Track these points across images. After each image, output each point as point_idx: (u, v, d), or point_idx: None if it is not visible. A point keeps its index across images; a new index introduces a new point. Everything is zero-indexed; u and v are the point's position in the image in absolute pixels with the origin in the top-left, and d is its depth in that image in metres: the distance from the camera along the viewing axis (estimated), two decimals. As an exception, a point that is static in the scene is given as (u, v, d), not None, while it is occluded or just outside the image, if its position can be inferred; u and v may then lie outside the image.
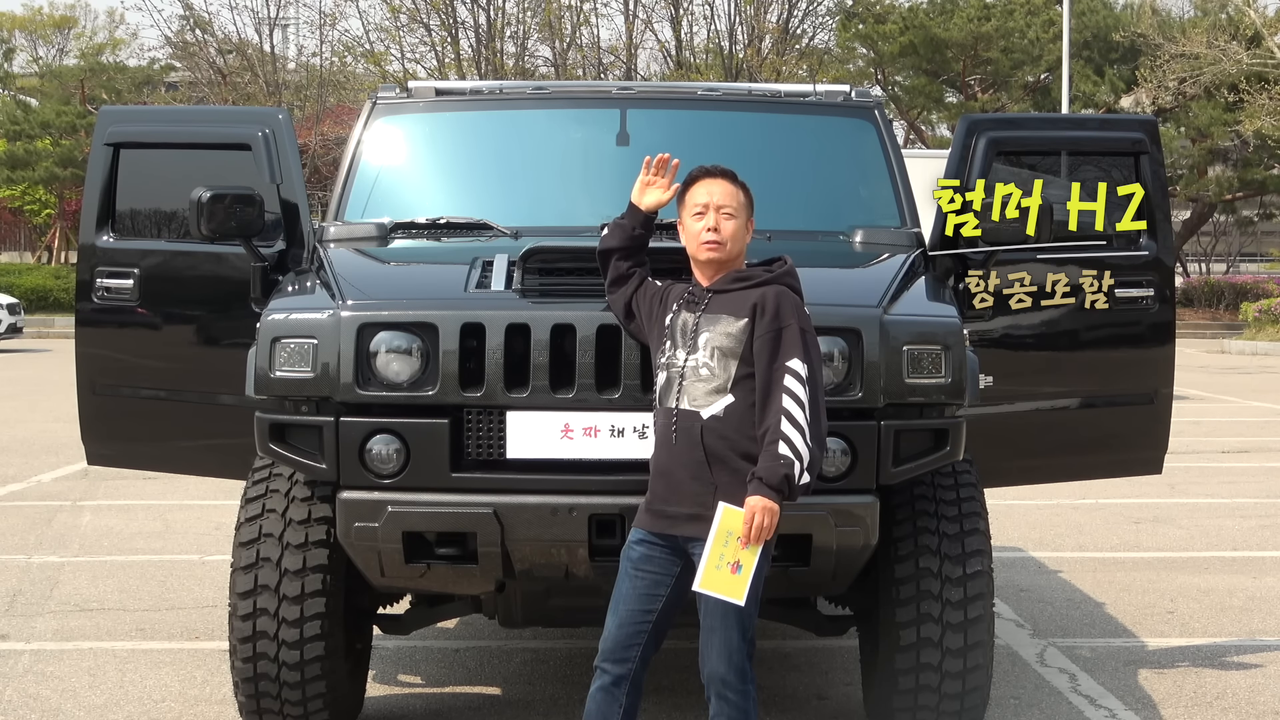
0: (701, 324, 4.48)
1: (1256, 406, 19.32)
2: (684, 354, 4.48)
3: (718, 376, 4.42)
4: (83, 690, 6.22)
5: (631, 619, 4.48)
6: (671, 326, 4.55)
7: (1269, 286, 38.62)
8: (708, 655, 4.44)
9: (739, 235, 4.61)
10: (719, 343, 4.45)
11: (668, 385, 4.49)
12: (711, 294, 4.55)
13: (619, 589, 4.52)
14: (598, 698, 4.51)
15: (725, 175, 4.67)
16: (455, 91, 6.72)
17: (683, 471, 4.41)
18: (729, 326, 4.46)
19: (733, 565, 4.29)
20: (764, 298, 4.49)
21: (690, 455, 4.41)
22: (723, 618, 4.39)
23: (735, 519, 4.29)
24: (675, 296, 4.64)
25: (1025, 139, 6.54)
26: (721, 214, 4.58)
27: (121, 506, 10.76)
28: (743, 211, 4.64)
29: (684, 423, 4.42)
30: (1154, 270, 6.33)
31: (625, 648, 4.48)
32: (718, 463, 4.39)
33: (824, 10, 38.90)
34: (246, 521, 5.25)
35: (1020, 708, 6.04)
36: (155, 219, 6.50)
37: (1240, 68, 36.21)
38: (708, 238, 4.57)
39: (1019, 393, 6.29)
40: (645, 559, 4.48)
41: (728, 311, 4.49)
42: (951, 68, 45.41)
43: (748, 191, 4.69)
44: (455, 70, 33.32)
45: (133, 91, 47.01)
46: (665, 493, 4.45)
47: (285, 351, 4.96)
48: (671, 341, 4.53)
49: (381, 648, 6.75)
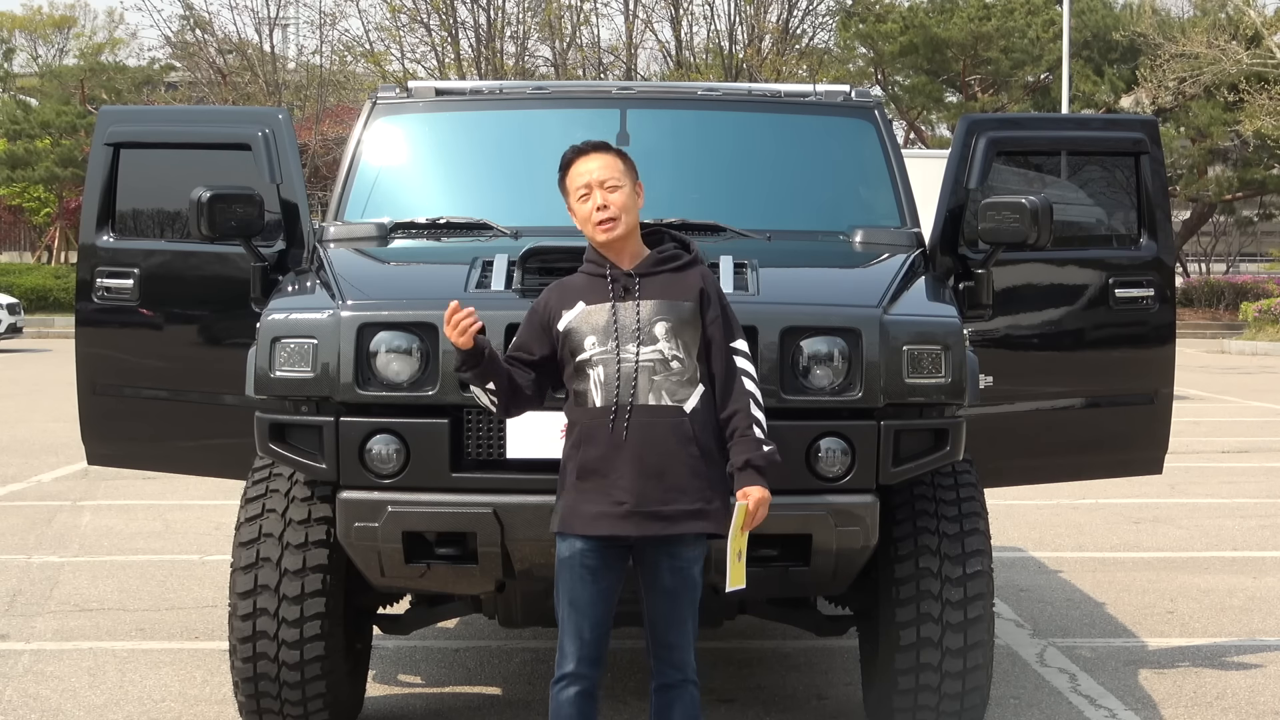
0: (649, 312, 4.31)
1: (1256, 406, 19.32)
2: (637, 347, 4.29)
3: (688, 368, 4.31)
4: (83, 690, 6.22)
5: (602, 623, 4.35)
6: (603, 320, 4.31)
7: (1269, 286, 38.63)
8: (676, 646, 4.35)
9: (630, 205, 4.38)
10: (682, 333, 4.31)
11: (607, 382, 4.27)
12: (640, 278, 4.36)
13: (577, 595, 4.33)
14: (579, 703, 4.34)
15: (599, 149, 4.46)
16: (455, 91, 6.72)
17: (676, 469, 4.27)
18: (681, 313, 4.32)
19: (738, 554, 4.29)
20: (704, 280, 4.38)
21: (684, 451, 4.29)
22: (690, 607, 4.34)
23: (742, 514, 4.27)
24: (572, 292, 4.41)
25: (1025, 139, 6.54)
26: (606, 189, 4.36)
27: (121, 506, 10.76)
28: (626, 179, 4.40)
29: (660, 419, 4.26)
30: (1154, 270, 6.33)
31: (600, 650, 4.37)
32: (709, 455, 4.33)
33: (824, 10, 38.94)
34: (246, 521, 5.25)
35: (1020, 708, 6.04)
36: (155, 219, 6.50)
37: (1240, 67, 36.22)
38: (599, 217, 4.36)
39: (1019, 393, 6.29)
40: (602, 564, 4.32)
41: (670, 296, 4.33)
42: (951, 68, 45.42)
43: (626, 158, 4.47)
44: (455, 70, 33.33)
45: (133, 91, 47.01)
46: (644, 493, 4.25)
47: (285, 351, 4.96)
48: (599, 335, 4.30)
49: (381, 648, 6.75)
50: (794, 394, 4.89)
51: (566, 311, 4.38)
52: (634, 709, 5.96)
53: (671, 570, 4.31)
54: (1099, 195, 6.61)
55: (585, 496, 4.31)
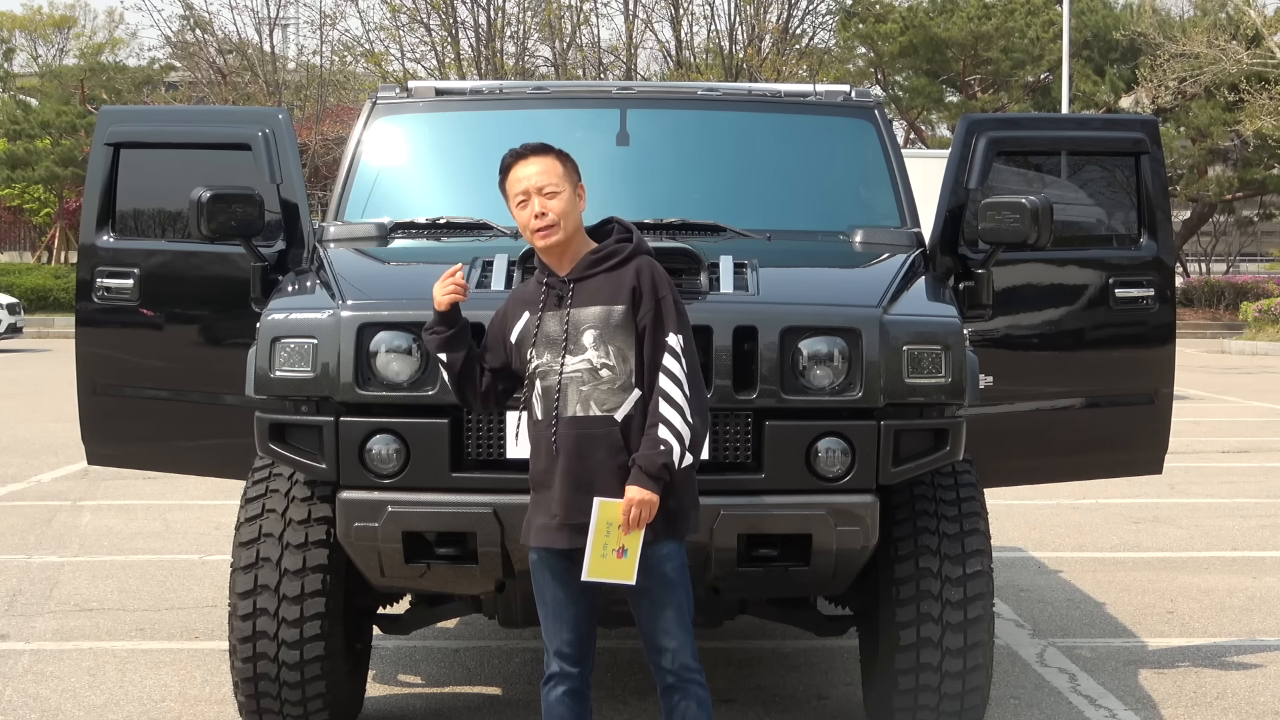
0: (576, 321, 4.25)
1: (1256, 406, 19.32)
2: (564, 358, 4.25)
3: (620, 374, 4.24)
4: (83, 690, 6.22)
5: (578, 623, 4.35)
6: (534, 331, 4.30)
7: (1269, 286, 38.63)
8: (666, 647, 4.31)
9: (570, 210, 4.31)
10: (613, 339, 4.23)
11: (546, 394, 4.26)
12: (573, 284, 4.31)
13: (549, 597, 4.34)
14: (566, 702, 4.36)
15: (537, 152, 4.37)
16: (455, 91, 6.72)
17: (605, 479, 4.20)
18: (611, 318, 4.24)
19: (618, 551, 4.18)
20: (638, 276, 4.27)
21: (613, 461, 4.21)
22: (672, 606, 4.29)
23: (613, 510, 4.17)
24: (522, 303, 4.40)
25: (1025, 139, 6.53)
26: (544, 195, 4.29)
27: (121, 506, 10.76)
28: (566, 182, 4.33)
29: (589, 430, 4.22)
30: (1154, 270, 6.33)
31: (583, 647, 4.37)
32: None
33: (824, 10, 38.89)
34: (246, 521, 5.25)
35: (1020, 708, 6.04)
36: (155, 219, 6.50)
37: (1240, 67, 36.22)
38: (537, 225, 4.29)
39: (1019, 393, 6.29)
40: (565, 567, 4.30)
41: (602, 300, 4.25)
42: (951, 68, 45.42)
43: (566, 159, 4.39)
44: (455, 70, 33.31)
45: (133, 91, 47.00)
46: (574, 504, 4.22)
47: (285, 351, 4.97)
48: (538, 347, 4.29)
49: (381, 648, 6.75)
50: (794, 394, 4.89)
51: (515, 324, 4.39)
52: (634, 709, 5.96)
53: (643, 570, 4.24)
54: (1099, 195, 6.61)
55: (534, 508, 4.36)
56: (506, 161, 4.42)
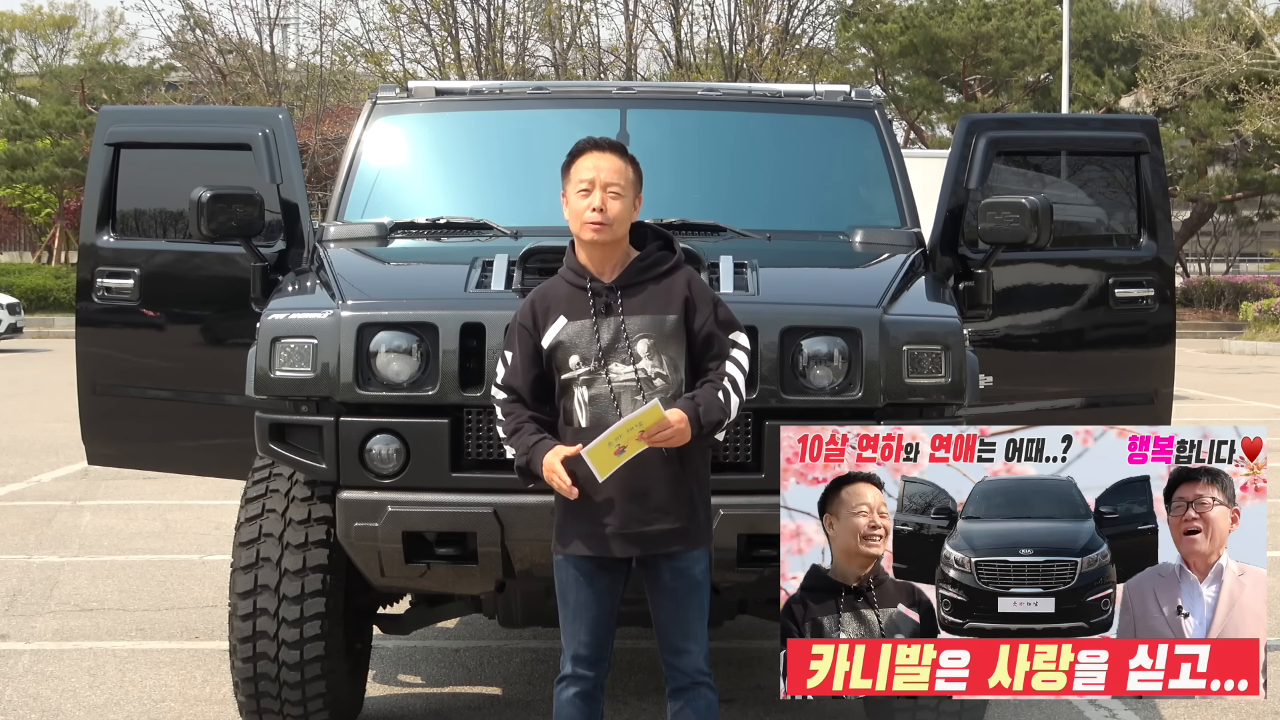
0: (633, 328, 4.21)
1: (1256, 406, 19.31)
2: (614, 365, 4.19)
3: (672, 384, 4.22)
4: (83, 690, 6.22)
5: (602, 622, 4.33)
6: (585, 338, 4.21)
7: (1269, 286, 38.62)
8: (685, 650, 4.32)
9: (625, 216, 4.25)
10: (665, 348, 4.21)
11: (595, 403, 4.19)
12: (621, 292, 4.25)
13: (573, 597, 4.32)
14: (577, 704, 4.33)
15: (614, 149, 4.30)
16: (455, 91, 6.73)
17: (659, 489, 4.20)
18: (664, 326, 4.21)
19: (619, 448, 4.11)
20: (689, 286, 4.25)
21: (664, 470, 4.20)
22: (695, 609, 4.31)
23: (656, 416, 4.08)
24: (556, 306, 4.26)
25: (1025, 139, 6.54)
26: (609, 192, 4.22)
27: (121, 506, 10.76)
28: (630, 189, 4.27)
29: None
30: (1154, 270, 6.33)
31: (600, 650, 4.36)
32: (692, 469, 4.27)
33: (824, 10, 38.88)
34: (246, 521, 5.25)
35: (1020, 708, 6.04)
36: (156, 219, 6.51)
37: (1240, 68, 36.21)
38: (592, 218, 4.21)
39: (1019, 393, 6.29)
40: (597, 569, 4.29)
41: (652, 309, 4.22)
42: (951, 68, 45.43)
43: (637, 167, 4.33)
44: (455, 70, 33.31)
45: (133, 91, 47.01)
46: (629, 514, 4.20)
47: (285, 351, 4.97)
48: (582, 353, 4.20)
49: (381, 648, 6.75)
50: (794, 394, 4.89)
51: (549, 327, 4.27)
52: (634, 709, 5.96)
53: (672, 571, 4.29)
54: (1099, 195, 6.61)
55: (573, 515, 4.26)
56: (581, 146, 4.32)
